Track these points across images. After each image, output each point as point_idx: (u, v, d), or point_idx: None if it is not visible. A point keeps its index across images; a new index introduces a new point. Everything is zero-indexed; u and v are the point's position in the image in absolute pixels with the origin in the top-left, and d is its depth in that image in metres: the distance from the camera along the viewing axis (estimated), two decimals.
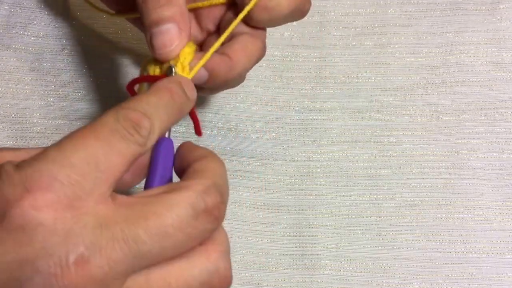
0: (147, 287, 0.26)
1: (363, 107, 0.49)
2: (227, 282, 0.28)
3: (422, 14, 0.52)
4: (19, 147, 0.47)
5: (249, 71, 0.38)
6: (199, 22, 0.40)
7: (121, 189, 0.27)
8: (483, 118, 0.48)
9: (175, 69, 0.33)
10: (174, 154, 0.32)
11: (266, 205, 0.46)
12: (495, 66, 0.50)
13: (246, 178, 0.47)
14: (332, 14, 0.52)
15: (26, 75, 0.50)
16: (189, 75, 0.34)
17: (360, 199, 0.46)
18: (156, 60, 0.34)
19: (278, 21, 0.38)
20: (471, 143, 0.47)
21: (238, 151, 0.47)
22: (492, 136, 0.47)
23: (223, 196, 0.28)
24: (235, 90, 0.42)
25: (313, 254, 0.45)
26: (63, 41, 0.51)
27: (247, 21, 0.37)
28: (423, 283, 0.44)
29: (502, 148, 0.47)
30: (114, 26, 0.52)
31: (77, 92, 0.49)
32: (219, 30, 0.39)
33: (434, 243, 0.45)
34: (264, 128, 0.48)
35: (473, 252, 0.44)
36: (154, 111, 0.28)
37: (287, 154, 0.47)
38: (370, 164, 0.47)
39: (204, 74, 0.35)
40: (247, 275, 0.44)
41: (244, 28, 0.37)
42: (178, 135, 0.48)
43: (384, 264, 0.44)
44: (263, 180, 0.47)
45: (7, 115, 0.48)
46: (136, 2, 0.35)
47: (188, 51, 0.34)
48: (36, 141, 0.48)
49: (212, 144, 0.47)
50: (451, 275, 0.44)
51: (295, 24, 0.51)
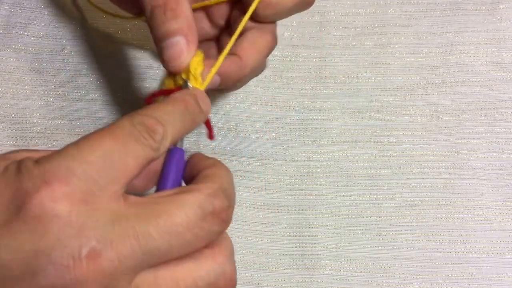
0: (155, 285, 0.27)
1: (363, 107, 0.49)
2: (233, 285, 0.29)
3: (422, 14, 0.52)
4: (19, 147, 0.47)
5: (267, 58, 0.39)
6: (210, 17, 0.40)
7: (132, 193, 0.28)
8: (483, 118, 0.48)
9: (189, 83, 0.34)
10: (185, 163, 0.32)
11: (266, 205, 0.46)
12: (495, 66, 0.50)
13: (246, 178, 0.47)
14: (332, 14, 0.52)
15: (26, 75, 0.50)
16: (201, 86, 0.34)
17: (360, 199, 0.46)
18: (169, 74, 0.35)
19: (283, 14, 0.38)
20: (471, 143, 0.47)
21: (238, 151, 0.47)
22: (492, 136, 0.47)
23: (230, 200, 0.29)
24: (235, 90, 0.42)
25: (313, 254, 0.44)
26: (63, 41, 0.51)
27: (253, 17, 0.37)
28: (423, 283, 0.44)
29: (502, 148, 0.47)
30: (114, 26, 0.52)
31: (77, 92, 0.49)
32: (230, 25, 0.40)
33: (434, 243, 0.45)
34: (264, 128, 0.48)
35: (473, 252, 0.44)
36: (168, 119, 0.29)
37: (287, 154, 0.47)
38: (370, 164, 0.47)
39: (216, 79, 0.36)
40: (247, 275, 0.44)
41: (251, 23, 0.38)
42: None
43: (384, 264, 0.44)
44: (263, 180, 0.47)
45: (7, 115, 0.48)
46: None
47: (197, 61, 0.34)
48: (36, 141, 0.48)
49: (212, 144, 0.47)
50: (451, 275, 0.44)
51: (295, 24, 0.51)
